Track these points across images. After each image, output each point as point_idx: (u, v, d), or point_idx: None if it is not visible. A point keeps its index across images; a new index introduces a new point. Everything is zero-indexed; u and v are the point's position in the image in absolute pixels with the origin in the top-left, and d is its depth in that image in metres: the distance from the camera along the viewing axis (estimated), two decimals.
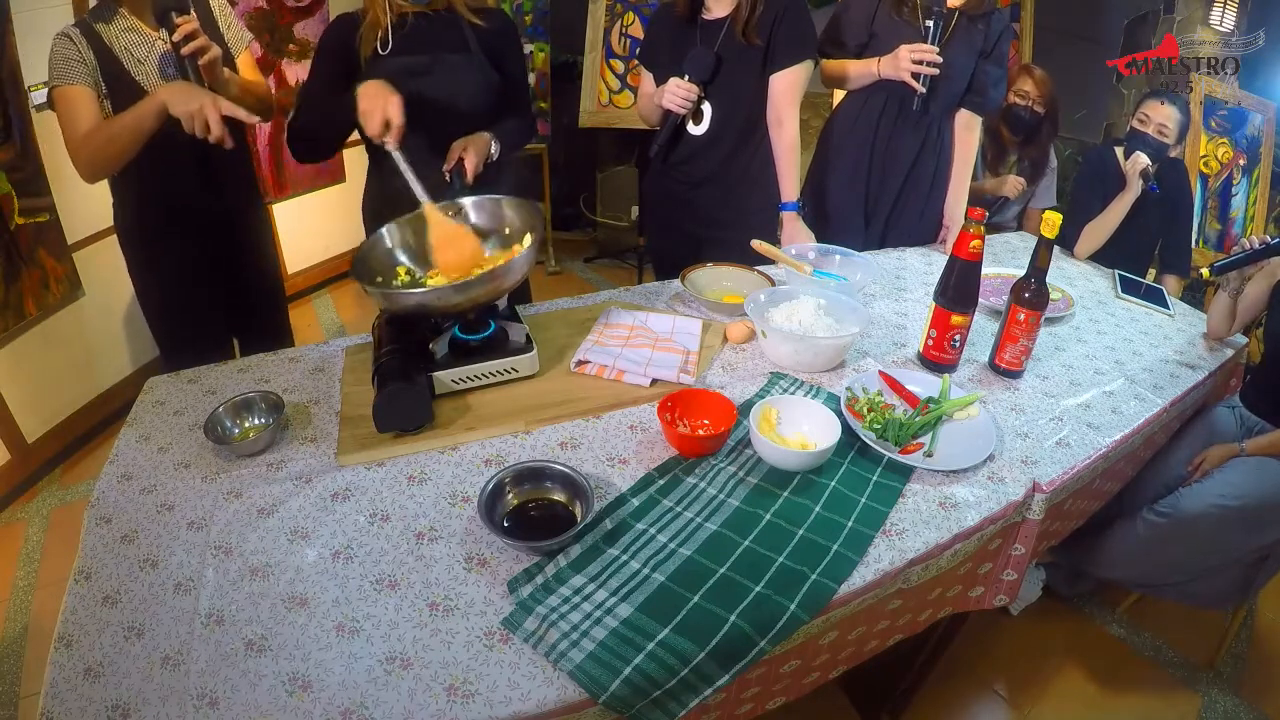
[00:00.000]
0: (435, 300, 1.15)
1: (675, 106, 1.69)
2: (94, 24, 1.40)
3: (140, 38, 1.44)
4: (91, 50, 1.38)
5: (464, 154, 1.47)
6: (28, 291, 2.24)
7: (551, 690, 0.77)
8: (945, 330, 1.31)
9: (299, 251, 3.50)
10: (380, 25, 1.47)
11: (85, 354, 2.51)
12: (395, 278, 1.31)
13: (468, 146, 1.48)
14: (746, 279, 1.62)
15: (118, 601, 0.86)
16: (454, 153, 1.48)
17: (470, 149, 1.48)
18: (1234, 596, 1.64)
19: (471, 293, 1.14)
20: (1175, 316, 1.71)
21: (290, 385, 1.27)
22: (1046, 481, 1.11)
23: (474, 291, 1.14)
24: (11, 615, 1.90)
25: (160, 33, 1.43)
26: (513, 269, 1.16)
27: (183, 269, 1.60)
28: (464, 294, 1.13)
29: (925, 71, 1.70)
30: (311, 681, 0.77)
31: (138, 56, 1.43)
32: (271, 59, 3.02)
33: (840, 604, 0.91)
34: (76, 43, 1.37)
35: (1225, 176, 2.77)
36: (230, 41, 1.58)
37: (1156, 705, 1.72)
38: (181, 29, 1.33)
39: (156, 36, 1.44)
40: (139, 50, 1.43)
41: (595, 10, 3.42)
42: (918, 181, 1.91)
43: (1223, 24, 2.69)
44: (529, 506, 1.00)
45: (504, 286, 1.19)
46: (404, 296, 1.14)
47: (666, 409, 1.11)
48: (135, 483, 1.04)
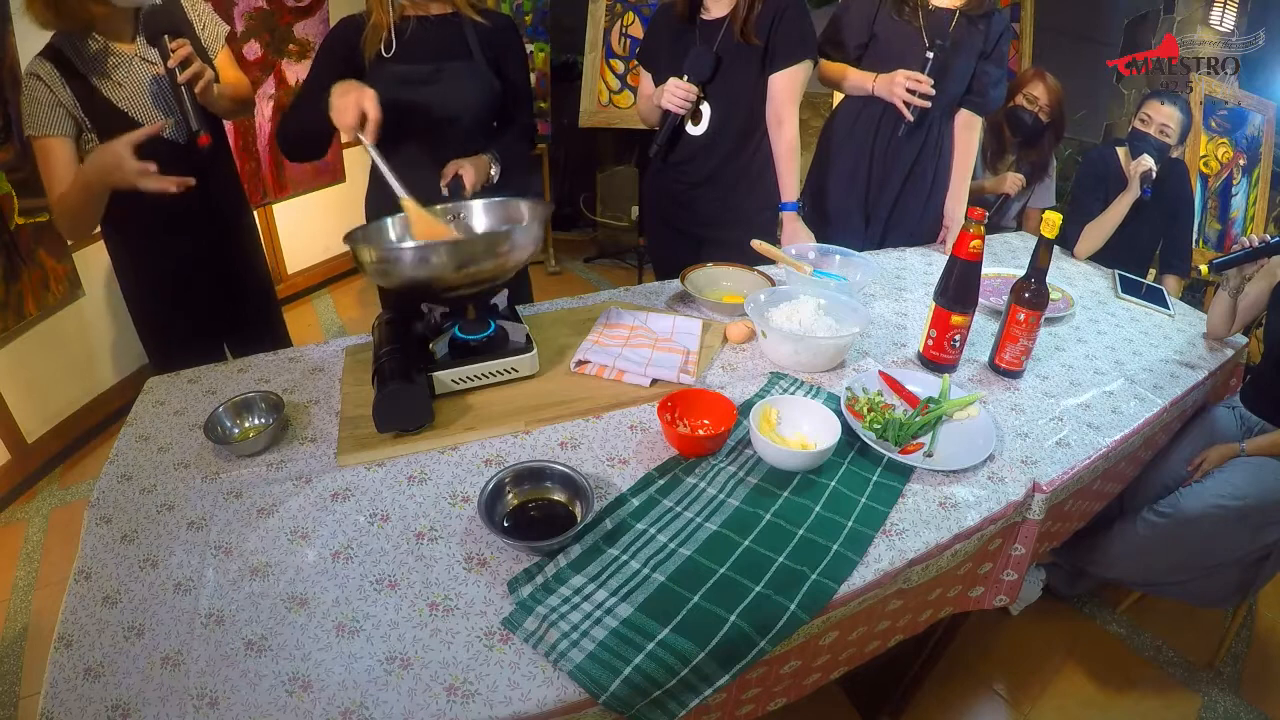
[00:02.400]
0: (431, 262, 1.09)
1: (674, 107, 1.69)
2: (63, 50, 1.32)
3: (118, 59, 1.37)
4: (66, 85, 1.32)
5: (461, 170, 1.46)
6: (28, 291, 2.24)
7: (551, 690, 0.77)
8: (945, 330, 1.31)
9: (299, 251, 3.50)
10: (383, 27, 1.45)
11: (85, 354, 2.52)
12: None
13: (464, 164, 1.47)
14: (746, 279, 1.62)
15: (118, 601, 0.86)
16: (450, 169, 1.47)
17: (467, 164, 1.47)
18: (1234, 596, 1.64)
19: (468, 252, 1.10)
20: (1175, 316, 1.71)
21: (290, 385, 1.27)
22: (1046, 481, 1.11)
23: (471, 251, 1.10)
24: (11, 615, 1.90)
25: (138, 45, 1.38)
26: (515, 237, 1.12)
27: (169, 273, 1.57)
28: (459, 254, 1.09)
29: (917, 103, 1.72)
30: (311, 681, 0.77)
31: (117, 80, 1.37)
32: (271, 59, 3.02)
33: (840, 604, 0.91)
34: (48, 81, 1.31)
35: (1225, 176, 2.77)
36: (208, 42, 1.52)
37: (1156, 705, 1.72)
38: (177, 55, 1.28)
39: (134, 54, 1.39)
40: (118, 73, 1.37)
41: (595, 10, 3.42)
42: (918, 182, 1.91)
43: (1223, 24, 2.69)
44: (529, 506, 1.00)
45: (505, 261, 1.14)
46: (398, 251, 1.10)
47: (666, 409, 1.11)
48: (135, 483, 1.04)
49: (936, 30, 1.73)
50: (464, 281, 1.14)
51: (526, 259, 1.21)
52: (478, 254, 1.12)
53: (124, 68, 1.38)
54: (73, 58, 1.33)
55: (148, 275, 1.58)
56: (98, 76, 1.35)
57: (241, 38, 2.87)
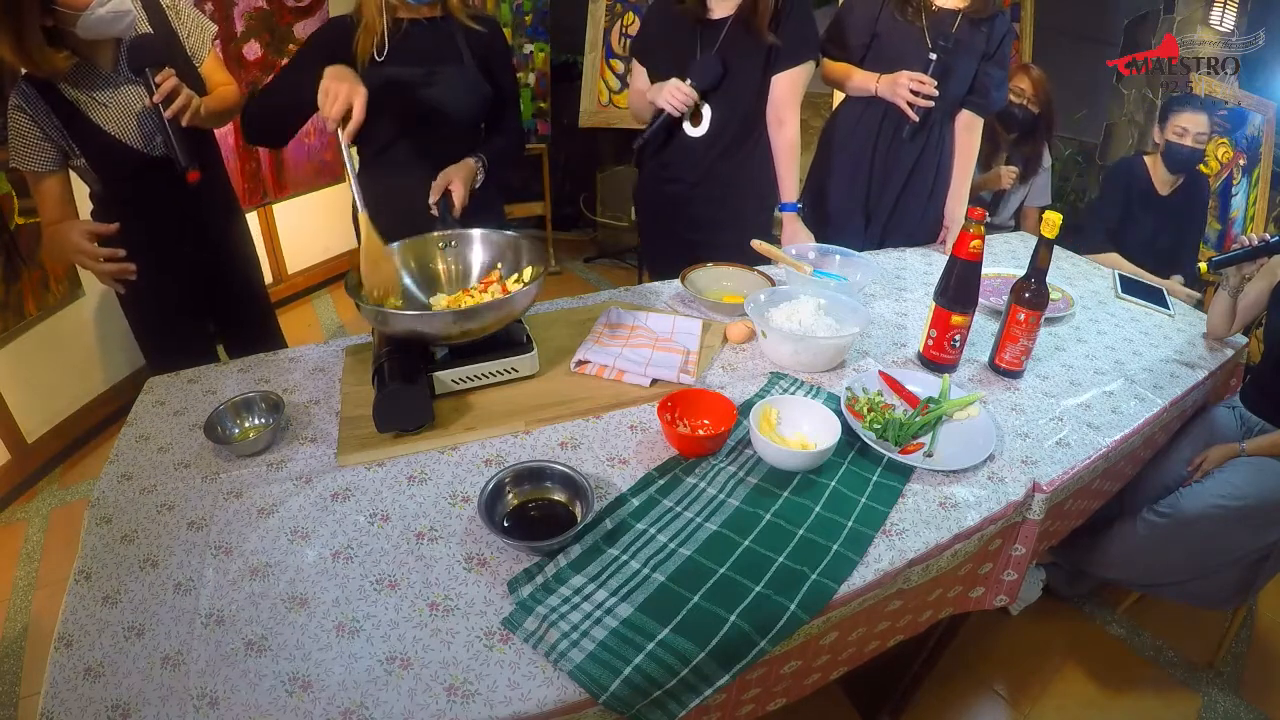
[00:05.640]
0: (430, 327, 1.13)
1: (671, 107, 1.68)
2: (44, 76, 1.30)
3: (103, 81, 1.36)
4: (52, 112, 1.31)
5: (451, 186, 1.45)
6: (28, 291, 2.24)
7: (551, 690, 0.77)
8: (945, 330, 1.31)
9: (299, 251, 3.50)
10: (375, 30, 1.45)
11: (85, 354, 2.52)
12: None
13: (454, 178, 1.46)
14: (746, 279, 1.62)
15: (118, 601, 0.86)
16: (440, 184, 1.46)
17: (457, 180, 1.46)
18: (1234, 596, 1.63)
19: (470, 323, 1.13)
20: (1175, 316, 1.71)
21: (290, 385, 1.27)
22: (1046, 481, 1.11)
23: (473, 322, 1.13)
24: (11, 615, 1.90)
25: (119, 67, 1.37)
26: (515, 301, 1.15)
27: (163, 284, 1.56)
28: (462, 324, 1.12)
29: (920, 104, 1.72)
30: (311, 681, 0.77)
31: (101, 101, 1.35)
32: (271, 59, 3.02)
33: (840, 604, 0.91)
34: (31, 113, 1.30)
35: (1225, 176, 2.77)
36: (194, 49, 1.49)
37: (1156, 705, 1.72)
38: (162, 89, 1.27)
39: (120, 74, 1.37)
40: (101, 95, 1.35)
41: (595, 10, 3.42)
42: (918, 183, 1.91)
43: (1223, 24, 2.69)
44: (529, 506, 1.00)
45: (505, 318, 1.18)
46: (398, 319, 1.11)
47: (666, 409, 1.11)
48: (135, 483, 1.04)
49: (939, 31, 1.73)
50: (462, 336, 1.16)
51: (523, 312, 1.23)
52: (478, 316, 1.14)
53: (109, 89, 1.37)
54: (57, 82, 1.32)
55: (142, 289, 1.56)
56: (83, 101, 1.34)
57: (241, 38, 2.87)
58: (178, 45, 1.46)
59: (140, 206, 1.47)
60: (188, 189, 1.36)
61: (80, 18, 1.23)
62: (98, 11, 1.24)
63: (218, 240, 1.65)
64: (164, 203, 1.49)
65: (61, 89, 1.32)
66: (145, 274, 1.37)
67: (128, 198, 1.46)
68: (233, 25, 2.82)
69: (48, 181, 1.39)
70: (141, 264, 1.36)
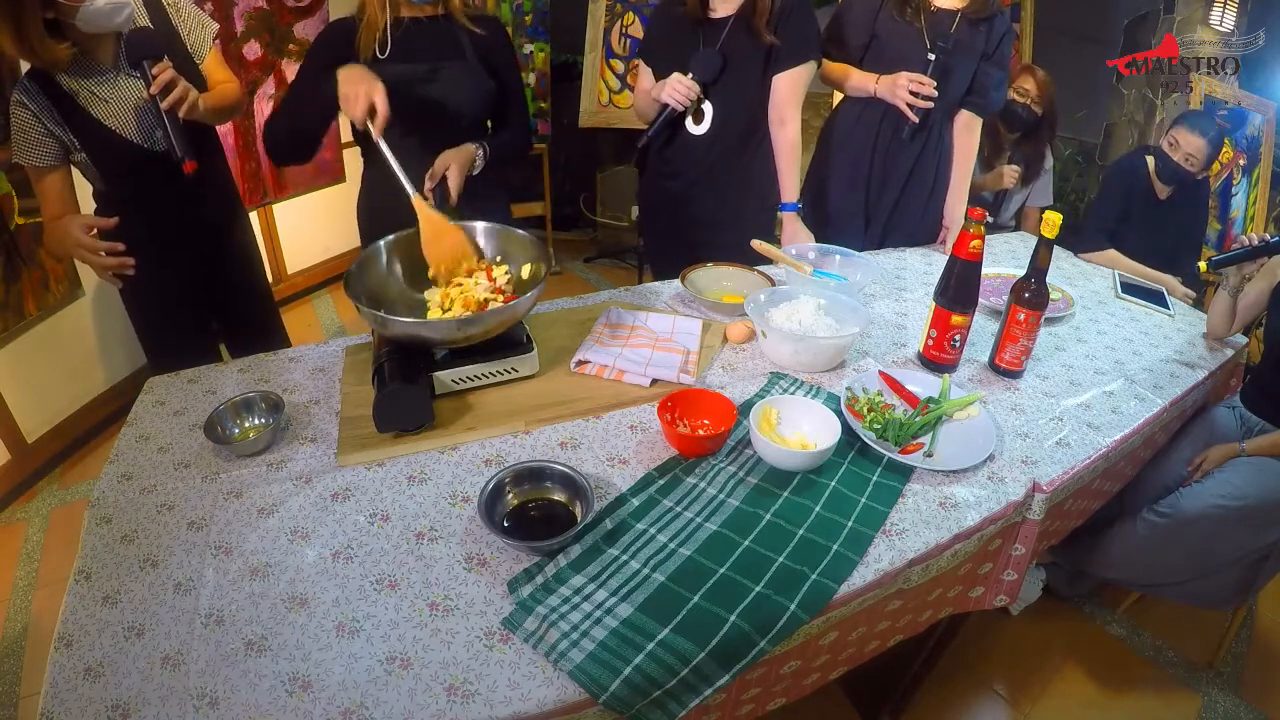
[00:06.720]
0: (433, 334, 1.14)
1: (673, 101, 1.68)
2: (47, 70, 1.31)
3: (102, 74, 1.36)
4: (53, 107, 1.32)
5: (447, 171, 1.45)
6: (28, 291, 2.24)
7: (551, 690, 0.77)
8: (945, 330, 1.31)
9: (299, 251, 3.50)
10: (377, 27, 1.45)
11: (85, 354, 2.51)
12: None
13: (451, 163, 1.46)
14: (746, 279, 1.62)
15: (118, 601, 0.86)
16: (438, 168, 1.46)
17: (454, 165, 1.46)
18: (1234, 596, 1.63)
19: (473, 328, 1.13)
20: (1175, 316, 1.71)
21: (290, 385, 1.27)
22: (1046, 481, 1.11)
23: (475, 328, 1.13)
24: (11, 615, 1.90)
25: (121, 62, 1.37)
26: (518, 308, 1.16)
27: (165, 282, 1.57)
28: (466, 330, 1.13)
29: (920, 104, 1.72)
30: (311, 681, 0.77)
31: (101, 96, 1.36)
32: (271, 59, 3.02)
33: (840, 604, 0.91)
34: (33, 108, 1.31)
35: (1225, 176, 2.77)
36: (194, 47, 1.49)
37: (1156, 705, 1.72)
38: (159, 81, 1.27)
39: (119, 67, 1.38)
40: (102, 89, 1.36)
41: (595, 10, 3.42)
42: (918, 182, 1.91)
43: (1223, 24, 2.69)
44: (529, 506, 1.00)
45: (507, 321, 1.18)
46: (398, 324, 1.11)
47: (666, 409, 1.11)
48: (135, 483, 1.04)
49: (938, 32, 1.73)
50: (464, 340, 1.17)
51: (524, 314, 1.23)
52: (481, 322, 1.14)
53: (109, 83, 1.37)
54: (56, 77, 1.32)
55: (143, 284, 1.57)
56: (83, 95, 1.35)
57: (241, 38, 2.87)
58: (178, 42, 1.47)
59: (141, 201, 1.47)
60: (189, 184, 1.37)
61: (80, 10, 1.24)
62: (97, 3, 1.25)
63: (219, 236, 1.65)
64: (165, 198, 1.49)
65: (62, 83, 1.33)
66: (146, 269, 1.38)
67: (129, 193, 1.47)
68: (233, 25, 2.82)
69: (49, 177, 1.39)
70: (142, 259, 1.36)
